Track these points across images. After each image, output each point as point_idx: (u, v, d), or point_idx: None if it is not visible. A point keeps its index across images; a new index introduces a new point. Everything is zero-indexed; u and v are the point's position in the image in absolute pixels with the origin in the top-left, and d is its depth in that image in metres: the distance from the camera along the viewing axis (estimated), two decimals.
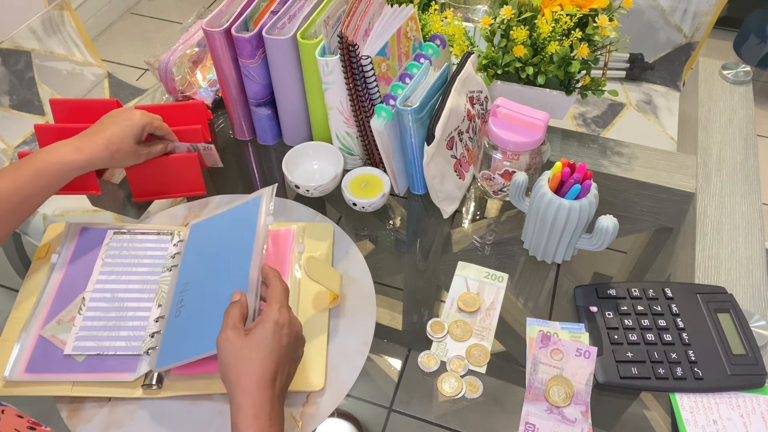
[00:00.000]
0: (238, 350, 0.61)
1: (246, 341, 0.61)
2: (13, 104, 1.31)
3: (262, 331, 0.62)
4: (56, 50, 1.41)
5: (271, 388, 0.60)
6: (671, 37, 1.43)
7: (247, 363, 0.60)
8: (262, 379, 0.59)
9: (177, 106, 0.98)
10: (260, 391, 0.59)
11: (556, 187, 0.77)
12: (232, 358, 0.60)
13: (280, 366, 0.61)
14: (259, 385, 0.59)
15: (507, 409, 0.70)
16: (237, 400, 0.59)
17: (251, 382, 0.59)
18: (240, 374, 0.60)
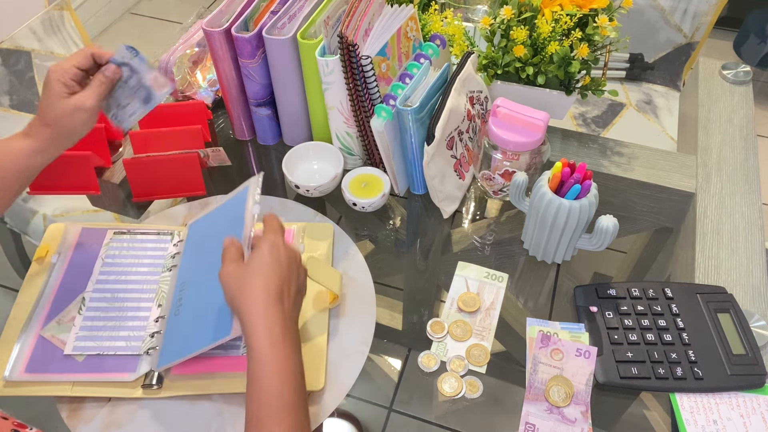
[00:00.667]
0: (240, 278, 0.62)
1: (246, 268, 0.62)
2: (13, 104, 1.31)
3: (259, 254, 0.63)
4: (56, 50, 1.41)
5: (279, 305, 0.61)
6: (671, 37, 1.43)
7: (251, 287, 0.61)
8: (269, 298, 0.60)
9: (177, 106, 0.98)
10: (269, 310, 0.60)
11: (556, 187, 0.77)
12: (237, 288, 0.62)
13: (284, 282, 0.62)
14: (267, 305, 0.60)
15: (507, 409, 0.70)
16: (249, 324, 0.60)
17: (259, 304, 0.60)
18: (247, 299, 0.61)
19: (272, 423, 0.56)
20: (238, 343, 0.73)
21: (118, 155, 0.99)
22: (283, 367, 0.59)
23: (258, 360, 0.59)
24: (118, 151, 1.00)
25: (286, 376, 0.58)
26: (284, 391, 0.58)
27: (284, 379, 0.58)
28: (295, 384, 0.59)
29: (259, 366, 0.59)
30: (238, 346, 0.73)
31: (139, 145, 0.93)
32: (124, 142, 1.01)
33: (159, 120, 0.97)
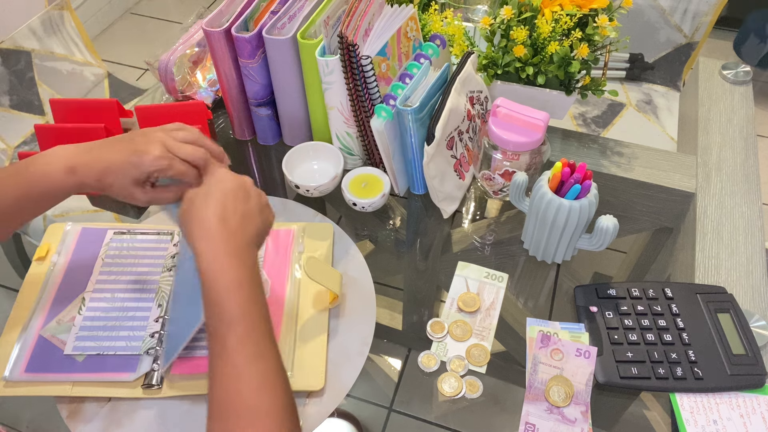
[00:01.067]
0: (186, 213, 0.62)
1: (190, 202, 0.62)
2: (13, 104, 1.31)
3: (202, 185, 0.63)
4: (56, 50, 1.41)
5: (221, 226, 0.59)
6: (671, 37, 1.43)
7: (191, 216, 0.61)
8: (209, 220, 0.59)
9: (177, 106, 0.98)
10: (210, 231, 0.59)
11: (556, 187, 0.77)
12: (184, 224, 0.61)
13: (228, 204, 0.61)
14: (208, 228, 0.59)
15: (507, 409, 0.70)
16: (196, 252, 0.59)
17: (201, 229, 0.59)
18: (192, 229, 0.60)
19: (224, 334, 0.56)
20: None
21: None
22: (236, 282, 0.57)
23: (207, 282, 0.57)
24: None
25: (240, 290, 0.57)
26: (237, 305, 0.56)
27: (237, 293, 0.57)
28: (251, 305, 0.57)
29: (209, 289, 0.57)
30: None
31: None
32: None
33: (159, 120, 0.97)
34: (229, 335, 0.56)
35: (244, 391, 0.54)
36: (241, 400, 0.54)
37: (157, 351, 0.72)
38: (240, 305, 0.57)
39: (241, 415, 0.53)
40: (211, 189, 0.62)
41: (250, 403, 0.54)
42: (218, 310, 0.56)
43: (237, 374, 0.55)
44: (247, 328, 0.56)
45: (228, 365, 0.55)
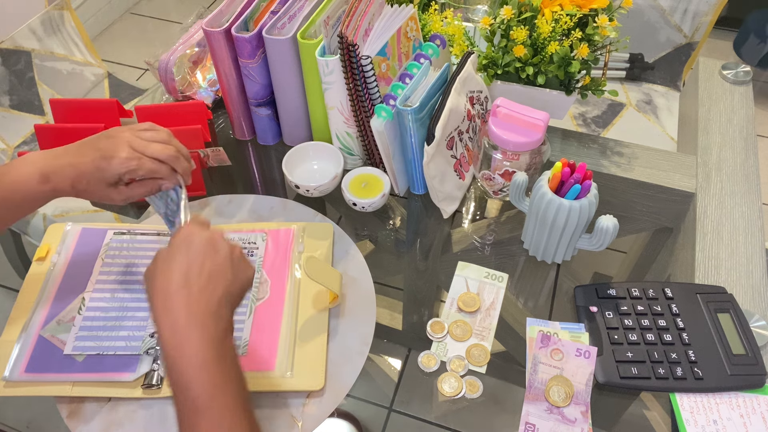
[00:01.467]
0: (147, 276, 0.57)
1: (153, 263, 0.58)
2: (13, 104, 1.31)
3: (168, 246, 0.58)
4: (56, 50, 1.41)
5: (182, 292, 0.54)
6: (671, 37, 1.43)
7: (152, 281, 0.56)
8: (170, 286, 0.54)
9: (177, 106, 0.98)
10: (168, 300, 0.54)
11: (556, 187, 0.77)
12: (147, 288, 0.57)
13: (192, 269, 0.55)
14: (166, 295, 0.54)
15: (507, 409, 0.70)
16: (155, 322, 0.54)
17: (159, 297, 0.54)
18: (151, 296, 0.55)
19: (194, 422, 0.50)
20: (238, 343, 0.73)
21: None
22: (200, 360, 0.52)
23: (169, 362, 0.52)
24: None
25: (206, 369, 0.51)
26: (205, 388, 0.51)
27: (203, 372, 0.51)
28: (222, 383, 0.52)
29: (171, 369, 0.52)
30: (238, 346, 0.73)
31: None
32: None
33: (159, 120, 0.97)
34: (198, 423, 0.51)
35: None
36: None
37: (157, 351, 0.72)
38: (208, 387, 0.51)
39: None
40: (174, 250, 0.57)
41: None
42: (184, 395, 0.51)
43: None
44: (219, 413, 0.51)
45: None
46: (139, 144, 0.67)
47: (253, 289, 0.78)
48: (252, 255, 0.82)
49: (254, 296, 0.78)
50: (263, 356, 0.72)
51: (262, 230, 0.85)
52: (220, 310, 0.56)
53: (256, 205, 0.91)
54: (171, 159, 0.68)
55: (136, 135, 0.68)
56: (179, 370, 0.52)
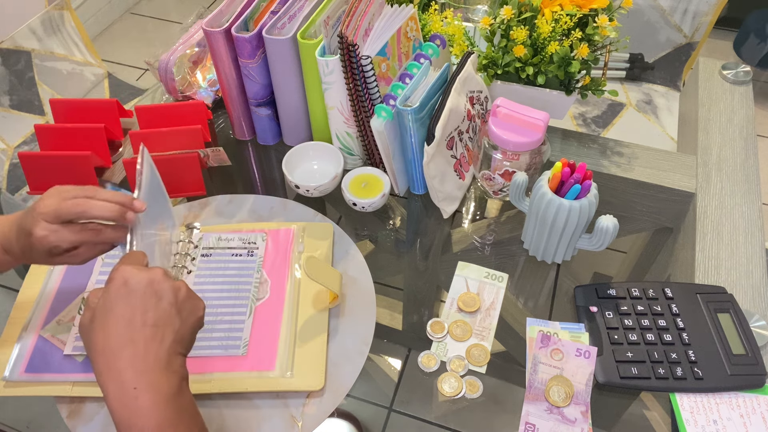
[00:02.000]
0: (85, 325, 0.52)
1: (91, 309, 0.53)
2: (13, 104, 1.32)
3: (102, 295, 0.53)
4: (56, 50, 1.41)
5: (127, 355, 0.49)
6: (671, 37, 1.43)
7: (91, 337, 0.51)
8: (108, 350, 0.50)
9: (177, 106, 0.98)
10: (113, 365, 0.49)
11: (556, 187, 0.77)
12: (83, 337, 0.52)
13: (134, 321, 0.51)
14: (105, 358, 0.50)
15: (507, 409, 0.70)
16: (99, 384, 0.50)
17: (99, 359, 0.50)
18: (89, 351, 0.51)
19: None
20: (238, 343, 0.73)
21: (118, 155, 0.99)
22: (155, 427, 0.48)
23: (116, 425, 0.48)
24: (118, 151, 1.00)
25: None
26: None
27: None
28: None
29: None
30: (238, 346, 0.73)
31: (139, 145, 0.93)
32: (124, 142, 1.01)
33: (159, 120, 0.97)
34: None
35: None
36: None
37: None
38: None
39: None
40: (112, 299, 0.51)
41: None
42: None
43: None
44: None
45: None
46: (53, 214, 0.60)
47: (253, 289, 0.79)
48: (252, 255, 0.82)
49: (254, 296, 0.78)
50: (263, 356, 0.72)
51: (262, 230, 0.85)
52: (171, 362, 0.51)
53: (256, 205, 0.91)
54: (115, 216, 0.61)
55: (61, 197, 0.61)
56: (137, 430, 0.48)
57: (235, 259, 0.82)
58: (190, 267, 0.80)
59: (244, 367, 0.71)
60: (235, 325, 0.75)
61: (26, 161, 0.90)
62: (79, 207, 0.60)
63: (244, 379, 0.70)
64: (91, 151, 0.90)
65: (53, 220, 0.60)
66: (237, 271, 0.80)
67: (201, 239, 0.84)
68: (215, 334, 0.74)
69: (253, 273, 0.80)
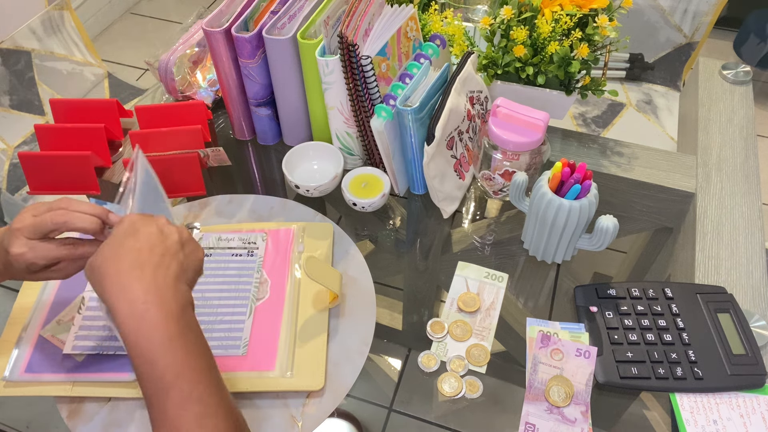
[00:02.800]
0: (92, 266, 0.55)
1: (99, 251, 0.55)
2: (13, 104, 1.32)
3: (111, 236, 0.56)
4: (56, 50, 1.41)
5: (137, 275, 0.53)
6: (671, 37, 1.43)
7: (101, 268, 0.54)
8: (119, 272, 0.53)
9: (177, 106, 0.98)
10: (124, 284, 0.52)
11: (556, 187, 0.77)
12: (92, 274, 0.55)
13: (143, 251, 0.54)
14: (119, 277, 0.53)
15: (507, 409, 0.70)
16: (109, 306, 0.52)
17: (110, 282, 0.53)
18: (100, 280, 0.54)
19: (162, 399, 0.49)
20: (238, 343, 0.73)
21: (118, 155, 0.99)
22: (165, 335, 0.51)
23: (130, 341, 0.50)
24: (118, 151, 1.00)
25: (170, 343, 0.51)
26: (171, 363, 0.50)
27: (167, 347, 0.50)
28: (188, 357, 0.51)
29: (134, 348, 0.50)
30: (238, 346, 0.73)
31: (139, 145, 0.93)
32: (124, 142, 1.01)
33: (159, 120, 0.97)
34: (167, 400, 0.50)
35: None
36: None
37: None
38: (173, 362, 0.50)
39: None
40: (121, 238, 0.55)
41: None
42: (149, 373, 0.50)
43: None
44: (189, 387, 0.50)
45: (171, 429, 0.49)
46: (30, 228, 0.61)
47: (253, 289, 0.79)
48: (252, 255, 0.82)
49: (254, 296, 0.78)
50: (263, 356, 0.72)
51: (262, 230, 0.85)
52: (178, 285, 0.55)
53: (256, 205, 0.91)
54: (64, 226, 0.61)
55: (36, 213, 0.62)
56: (141, 349, 0.50)
57: (235, 259, 0.82)
58: None
59: (244, 367, 0.71)
60: (235, 325, 0.75)
61: (26, 161, 0.90)
62: (61, 217, 0.60)
63: (244, 379, 0.70)
64: (91, 151, 0.90)
65: (32, 235, 0.60)
66: (237, 271, 0.80)
67: (201, 239, 0.84)
68: (215, 334, 0.74)
69: (253, 273, 0.80)
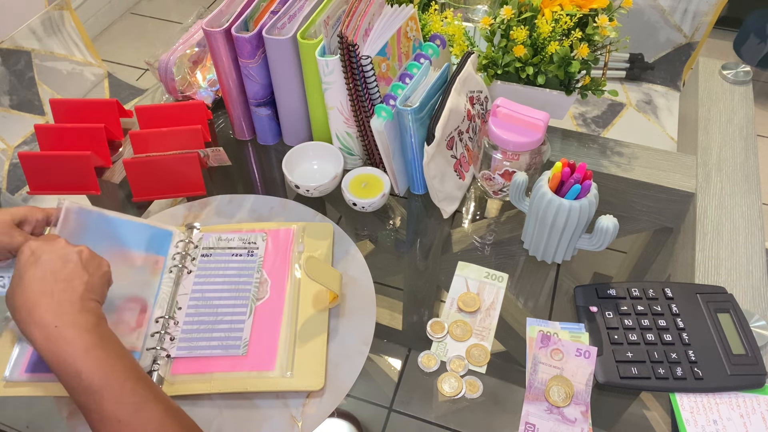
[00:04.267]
0: (8, 293, 0.59)
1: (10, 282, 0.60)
2: (13, 104, 1.32)
3: (15, 268, 0.60)
4: (56, 50, 1.41)
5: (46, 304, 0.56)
6: (671, 37, 1.43)
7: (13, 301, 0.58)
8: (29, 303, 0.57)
9: (177, 106, 0.98)
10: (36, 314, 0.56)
11: (556, 187, 0.77)
12: (8, 305, 0.59)
13: (46, 279, 0.58)
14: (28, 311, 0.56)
15: (507, 409, 0.70)
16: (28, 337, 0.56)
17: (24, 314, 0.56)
18: (14, 314, 0.58)
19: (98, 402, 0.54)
20: (238, 343, 0.73)
21: (118, 155, 0.99)
22: (82, 348, 0.55)
23: (54, 363, 0.55)
24: (118, 151, 1.00)
25: (89, 353, 0.55)
26: (96, 369, 0.55)
27: (89, 356, 0.55)
28: (110, 360, 0.55)
29: (59, 368, 0.55)
30: (238, 346, 0.73)
31: (139, 145, 0.93)
32: (124, 142, 1.01)
33: (159, 120, 0.97)
34: (102, 401, 0.54)
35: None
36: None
37: (157, 351, 0.72)
38: (98, 367, 0.55)
39: None
40: (23, 268, 0.59)
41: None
42: (77, 383, 0.54)
43: (126, 428, 0.53)
44: (119, 385, 0.55)
45: (113, 424, 0.53)
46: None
47: (253, 289, 0.79)
48: (252, 255, 0.82)
49: (254, 296, 0.78)
50: (263, 356, 0.72)
51: (262, 230, 0.85)
52: (86, 304, 0.58)
53: (256, 205, 0.91)
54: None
55: None
56: (64, 365, 0.55)
57: (235, 259, 0.82)
58: (190, 267, 0.80)
59: (244, 367, 0.71)
60: (235, 325, 0.75)
61: (26, 161, 0.90)
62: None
63: (244, 379, 0.70)
64: (91, 151, 0.90)
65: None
66: (237, 271, 0.80)
67: (201, 239, 0.84)
68: (215, 334, 0.74)
69: (253, 273, 0.80)
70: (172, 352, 0.72)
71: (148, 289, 0.77)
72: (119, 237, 0.77)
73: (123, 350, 0.58)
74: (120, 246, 0.76)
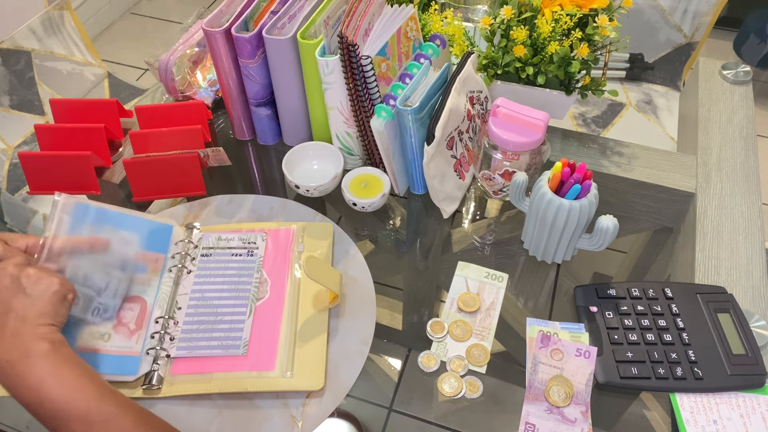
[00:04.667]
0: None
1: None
2: (13, 104, 1.32)
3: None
4: (56, 50, 1.41)
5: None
6: (671, 37, 1.43)
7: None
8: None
9: (177, 106, 0.98)
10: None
11: (556, 187, 0.77)
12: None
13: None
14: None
15: (507, 409, 0.70)
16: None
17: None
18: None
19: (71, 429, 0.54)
20: (238, 343, 0.73)
21: (118, 155, 0.99)
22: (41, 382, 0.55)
23: (14, 396, 0.56)
24: (118, 151, 1.00)
25: (46, 387, 0.55)
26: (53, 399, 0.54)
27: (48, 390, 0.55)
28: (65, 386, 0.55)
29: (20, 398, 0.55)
30: (238, 346, 0.73)
31: (139, 145, 0.93)
32: (124, 142, 1.01)
33: (159, 120, 0.97)
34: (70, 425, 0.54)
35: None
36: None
37: (157, 351, 0.72)
38: (59, 394, 0.55)
39: None
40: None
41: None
42: (42, 412, 0.54)
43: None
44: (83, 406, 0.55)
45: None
46: None
47: (253, 289, 0.79)
48: (252, 255, 0.82)
49: (254, 296, 0.78)
50: (263, 356, 0.72)
51: (262, 230, 0.85)
52: (36, 331, 0.57)
53: (256, 205, 0.91)
54: None
55: None
56: (26, 397, 0.54)
57: (235, 259, 0.82)
58: (190, 267, 0.80)
59: (244, 367, 0.71)
60: (235, 325, 0.75)
61: (26, 161, 0.90)
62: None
63: (244, 379, 0.70)
64: (91, 151, 0.90)
65: None
66: (237, 271, 0.80)
67: (201, 239, 0.84)
68: (215, 334, 0.74)
69: (253, 273, 0.80)
70: (172, 352, 0.72)
71: (148, 288, 0.77)
72: (118, 231, 0.77)
73: (83, 369, 0.58)
74: (118, 240, 0.76)
